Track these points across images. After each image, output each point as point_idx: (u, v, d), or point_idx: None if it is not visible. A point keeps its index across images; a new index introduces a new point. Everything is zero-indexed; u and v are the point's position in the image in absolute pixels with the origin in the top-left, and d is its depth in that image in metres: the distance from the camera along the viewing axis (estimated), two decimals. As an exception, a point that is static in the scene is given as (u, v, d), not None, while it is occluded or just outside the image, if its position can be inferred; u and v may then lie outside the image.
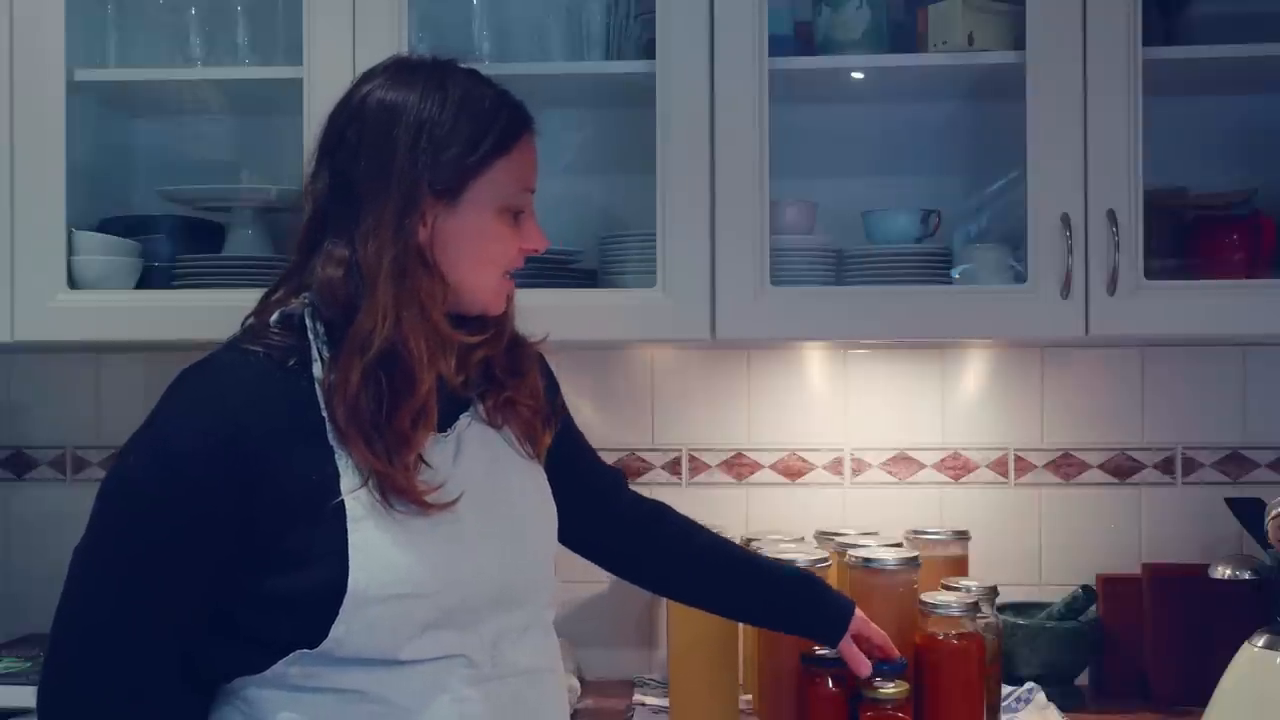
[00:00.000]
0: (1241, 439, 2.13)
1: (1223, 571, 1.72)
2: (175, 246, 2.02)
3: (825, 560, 1.75)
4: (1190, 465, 2.13)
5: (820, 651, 1.65)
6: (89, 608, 1.18)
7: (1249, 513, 1.78)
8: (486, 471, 1.31)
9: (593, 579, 2.15)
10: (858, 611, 1.58)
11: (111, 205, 2.07)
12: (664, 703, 1.90)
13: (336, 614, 1.17)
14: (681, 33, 1.84)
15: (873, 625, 1.59)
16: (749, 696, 1.88)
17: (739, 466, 2.18)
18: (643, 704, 1.96)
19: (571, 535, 1.51)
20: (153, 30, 2.07)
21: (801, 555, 1.74)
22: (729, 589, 1.58)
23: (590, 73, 1.96)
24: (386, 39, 1.86)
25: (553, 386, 1.47)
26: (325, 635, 1.17)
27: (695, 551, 1.58)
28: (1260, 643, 1.58)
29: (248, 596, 1.19)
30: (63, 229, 1.90)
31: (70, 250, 1.91)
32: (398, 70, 1.29)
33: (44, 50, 1.90)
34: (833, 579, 1.78)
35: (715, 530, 1.63)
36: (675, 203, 1.84)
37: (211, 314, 1.90)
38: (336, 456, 1.21)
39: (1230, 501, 1.91)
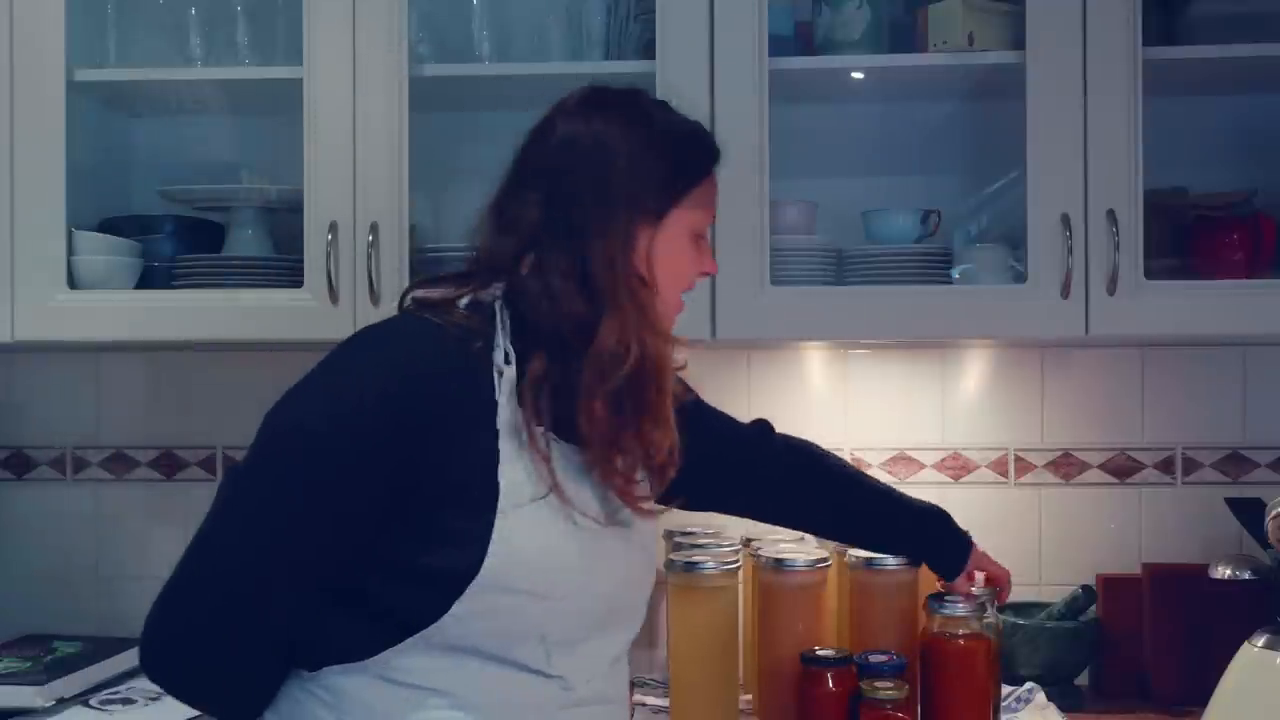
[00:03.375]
0: (1241, 439, 2.13)
1: (1223, 571, 1.72)
2: (175, 246, 2.02)
3: (825, 560, 1.74)
4: (1190, 465, 2.13)
5: (820, 651, 1.65)
6: (232, 533, 1.18)
7: (1249, 513, 1.78)
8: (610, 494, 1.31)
9: (593, 579, 2.16)
10: (975, 549, 1.69)
11: (111, 205, 2.08)
12: (664, 703, 1.89)
13: (462, 593, 1.17)
14: (681, 33, 1.85)
15: (992, 564, 1.70)
16: (749, 696, 1.88)
17: (739, 466, 2.17)
18: (643, 704, 1.96)
19: (724, 501, 1.66)
20: (153, 30, 2.08)
21: (801, 555, 1.74)
22: (863, 518, 1.69)
23: (590, 73, 1.95)
24: (386, 39, 1.86)
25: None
26: (446, 611, 1.17)
27: (833, 485, 1.69)
28: (1260, 643, 1.58)
29: (384, 567, 1.19)
30: (63, 229, 1.90)
31: (70, 250, 1.91)
32: (595, 102, 1.32)
33: (44, 50, 1.90)
34: (833, 579, 1.78)
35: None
36: (675, 203, 1.84)
37: (211, 314, 1.92)
38: (500, 445, 1.20)
39: (1230, 501, 1.91)
